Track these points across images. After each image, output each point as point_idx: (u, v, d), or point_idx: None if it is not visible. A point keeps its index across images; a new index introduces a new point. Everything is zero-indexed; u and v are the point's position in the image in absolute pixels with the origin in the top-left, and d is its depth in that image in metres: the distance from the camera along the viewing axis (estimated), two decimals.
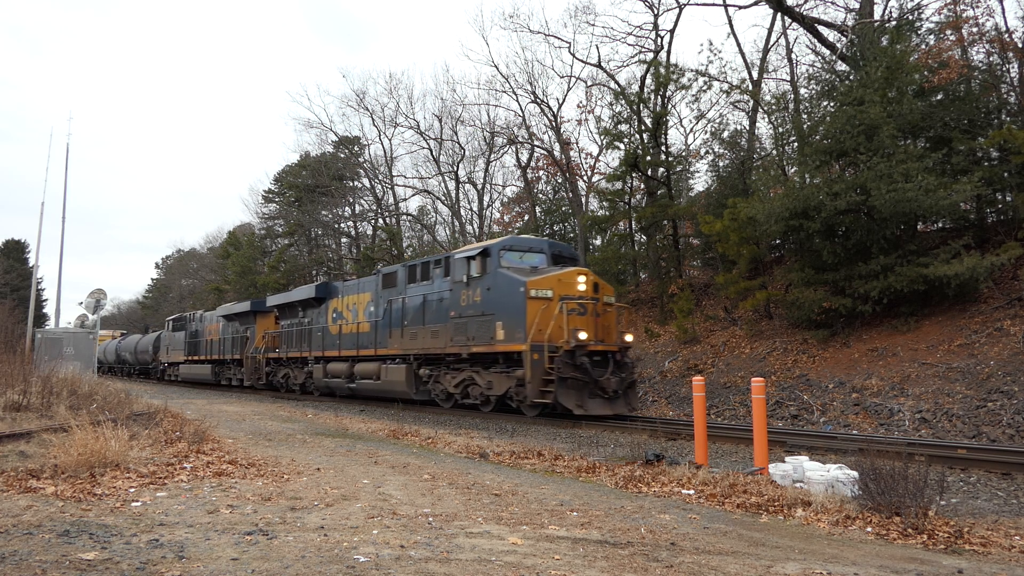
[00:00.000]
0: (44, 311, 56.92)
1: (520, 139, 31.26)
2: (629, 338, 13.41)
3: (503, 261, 13.74)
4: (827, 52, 19.85)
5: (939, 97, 16.45)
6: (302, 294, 22.05)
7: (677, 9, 23.98)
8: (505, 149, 33.50)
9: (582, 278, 13.10)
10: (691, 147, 27.23)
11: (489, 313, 13.50)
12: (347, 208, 42.28)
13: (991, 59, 18.53)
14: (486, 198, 35.54)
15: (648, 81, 23.61)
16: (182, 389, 28.17)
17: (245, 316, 25.82)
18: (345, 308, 19.51)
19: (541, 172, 32.82)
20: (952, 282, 13.65)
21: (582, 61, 29.36)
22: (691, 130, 27.50)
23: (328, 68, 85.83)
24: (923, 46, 17.79)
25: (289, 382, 22.82)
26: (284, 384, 23.16)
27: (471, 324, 13.95)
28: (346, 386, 18.76)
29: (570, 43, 40.39)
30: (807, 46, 22.36)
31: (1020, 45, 17.69)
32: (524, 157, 32.06)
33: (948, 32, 18.39)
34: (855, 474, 5.74)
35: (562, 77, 34.57)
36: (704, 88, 23.11)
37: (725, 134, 23.00)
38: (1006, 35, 18.04)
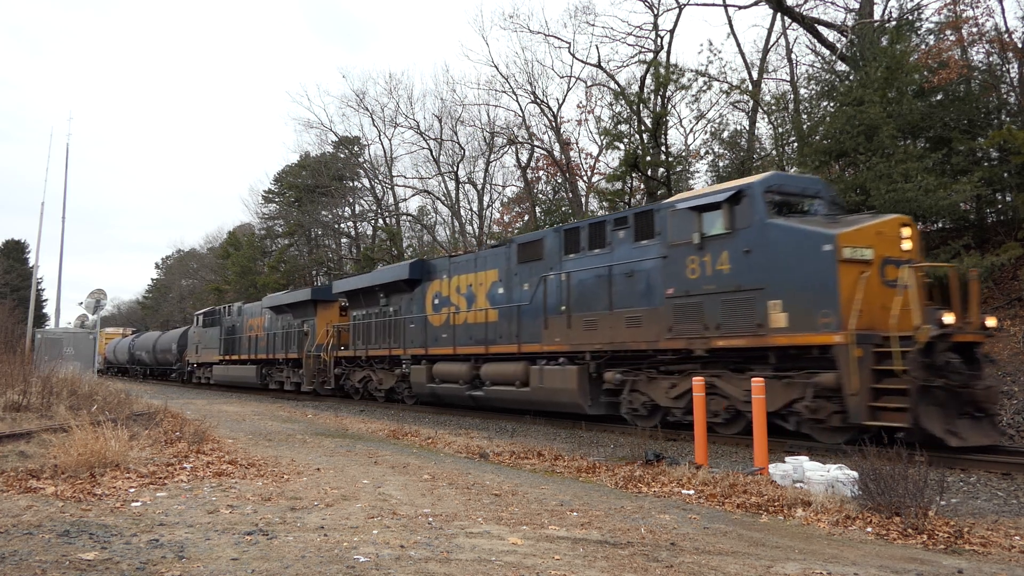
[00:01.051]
0: (44, 311, 56.94)
1: (520, 139, 31.26)
2: (991, 323, 8.89)
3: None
4: (827, 52, 19.85)
5: (939, 97, 16.45)
6: (387, 276, 17.83)
7: (677, 9, 23.98)
8: (505, 149, 33.52)
9: (906, 230, 8.87)
10: (691, 147, 27.22)
11: (752, 287, 9.14)
12: (347, 208, 42.32)
13: (991, 59, 18.54)
14: (486, 198, 35.57)
15: (648, 81, 23.58)
16: (188, 390, 28.10)
17: (302, 307, 21.82)
18: (454, 291, 15.36)
19: (541, 172, 32.79)
20: None
21: (582, 61, 29.28)
22: (691, 130, 27.45)
23: (328, 68, 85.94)
24: (923, 46, 17.79)
25: (370, 387, 18.65)
26: (362, 390, 19.06)
27: (712, 305, 9.65)
28: (467, 394, 14.56)
29: (570, 43, 40.27)
30: (807, 46, 22.35)
31: (1020, 45, 17.69)
32: (524, 157, 32.07)
33: (948, 32, 18.39)
34: (855, 474, 5.74)
35: (562, 77, 34.54)
36: (704, 88, 23.09)
37: (725, 134, 23.00)
38: (1006, 35, 18.04)
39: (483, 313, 14.26)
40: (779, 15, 21.66)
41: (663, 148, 23.74)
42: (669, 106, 24.31)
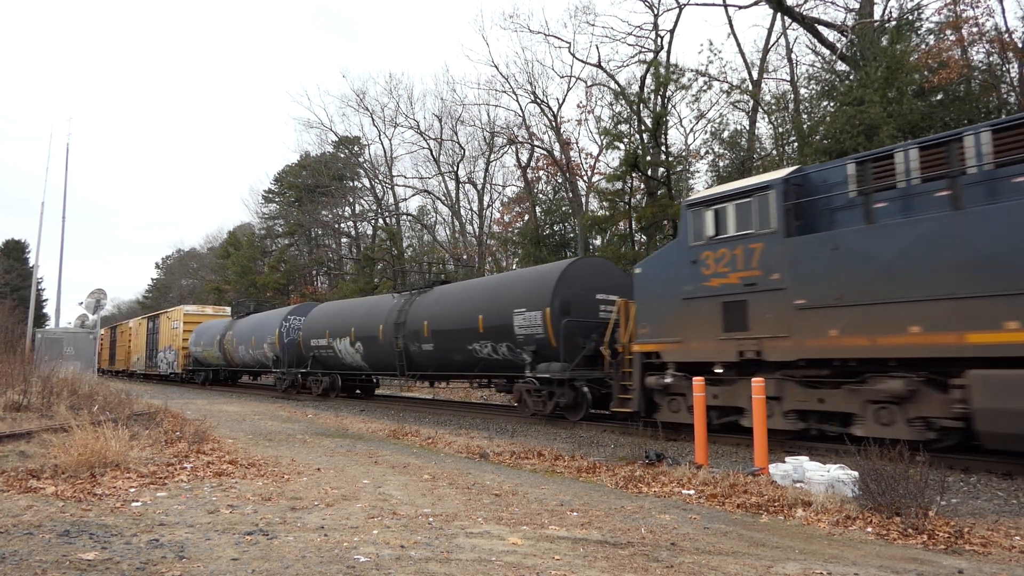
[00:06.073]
0: (44, 311, 56.93)
1: (520, 139, 31.29)
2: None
3: None
4: (827, 52, 19.87)
5: (939, 97, 16.45)
6: None
7: (677, 9, 23.99)
8: (505, 149, 33.57)
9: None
10: (691, 147, 27.23)
11: None
12: (347, 208, 42.33)
13: (991, 59, 18.54)
14: (486, 198, 35.60)
15: (648, 81, 23.60)
16: (187, 390, 27.77)
17: None
18: None
19: (541, 172, 32.81)
20: None
21: (582, 61, 29.38)
22: (691, 130, 27.51)
23: (328, 68, 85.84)
24: (923, 46, 17.79)
25: None
26: None
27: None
28: None
29: (570, 43, 40.34)
30: (807, 46, 22.37)
31: (1020, 45, 17.69)
32: (524, 157, 32.08)
33: (948, 32, 18.39)
34: (855, 474, 5.74)
35: (562, 77, 34.70)
36: (704, 88, 23.11)
37: (725, 134, 23.00)
38: (1006, 35, 18.04)
39: None
40: (779, 15, 21.67)
41: (663, 148, 23.75)
42: (669, 106, 24.34)
